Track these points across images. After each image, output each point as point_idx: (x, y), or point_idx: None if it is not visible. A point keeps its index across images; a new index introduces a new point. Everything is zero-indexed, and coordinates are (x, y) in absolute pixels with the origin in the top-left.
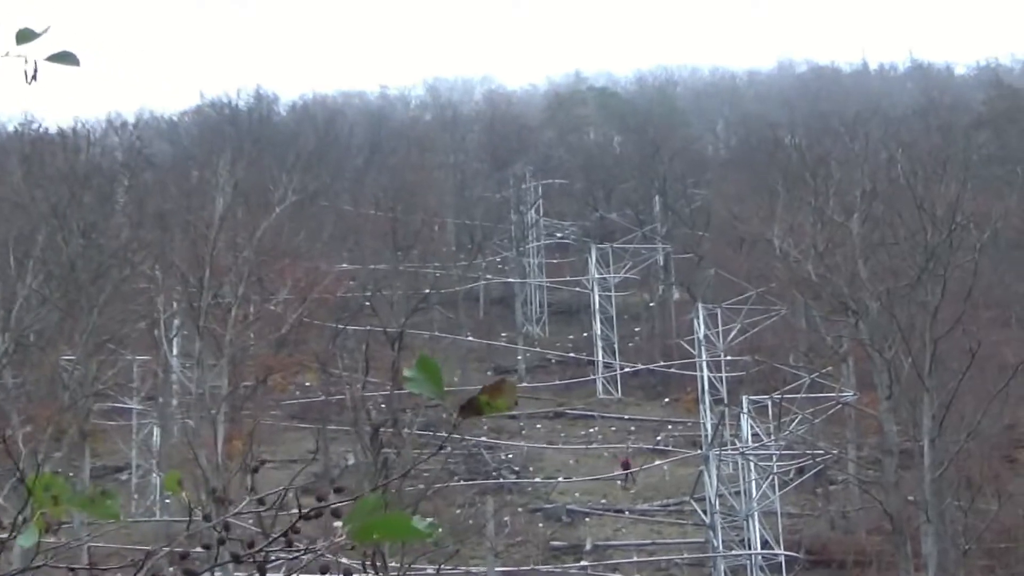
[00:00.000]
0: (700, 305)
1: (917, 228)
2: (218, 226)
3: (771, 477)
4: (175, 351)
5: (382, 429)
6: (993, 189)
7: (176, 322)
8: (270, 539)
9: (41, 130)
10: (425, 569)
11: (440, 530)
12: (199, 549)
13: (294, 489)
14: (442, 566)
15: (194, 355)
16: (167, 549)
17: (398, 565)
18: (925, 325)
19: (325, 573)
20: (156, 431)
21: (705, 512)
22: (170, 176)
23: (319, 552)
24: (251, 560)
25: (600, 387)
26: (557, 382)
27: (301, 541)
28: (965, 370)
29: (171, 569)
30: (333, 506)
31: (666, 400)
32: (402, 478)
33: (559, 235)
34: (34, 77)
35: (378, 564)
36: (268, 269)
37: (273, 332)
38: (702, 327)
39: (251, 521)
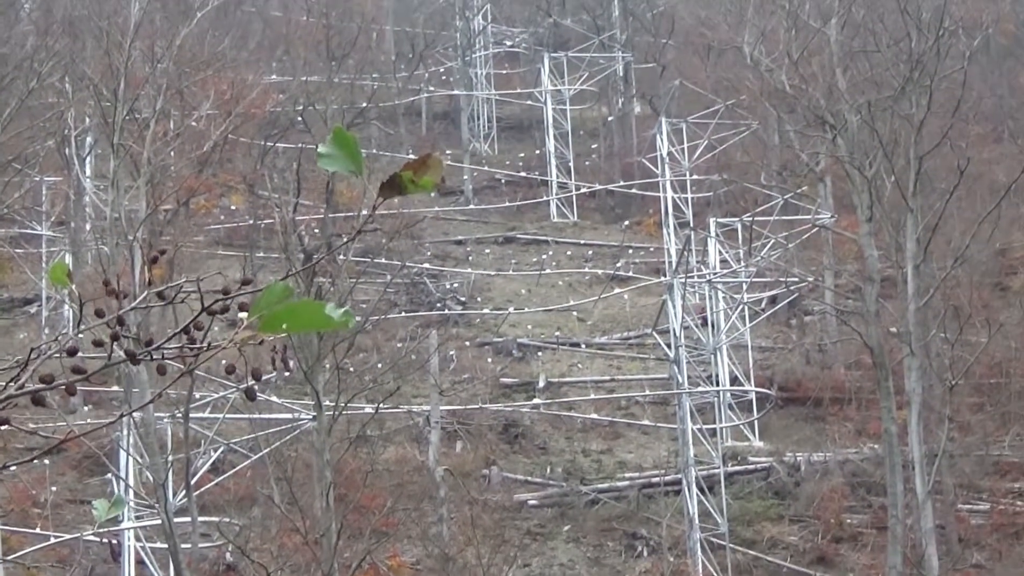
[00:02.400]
0: (663, 119)
1: (901, 34)
2: (133, 33)
3: (741, 307)
4: (88, 172)
5: (315, 256)
6: None
7: (88, 140)
8: (170, 335)
9: None
10: (363, 408)
11: (354, 321)
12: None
13: (207, 292)
14: (381, 405)
15: (108, 175)
16: (54, 346)
17: (333, 404)
18: (909, 140)
19: (231, 372)
20: (68, 258)
21: (669, 346)
22: None
23: (223, 347)
24: (148, 358)
25: (554, 209)
26: (507, 204)
27: (204, 339)
28: (952, 189)
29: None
30: (240, 297)
31: (626, 223)
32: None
33: (509, 43)
34: None
35: (286, 363)
36: (189, 81)
37: (195, 150)
38: (666, 144)
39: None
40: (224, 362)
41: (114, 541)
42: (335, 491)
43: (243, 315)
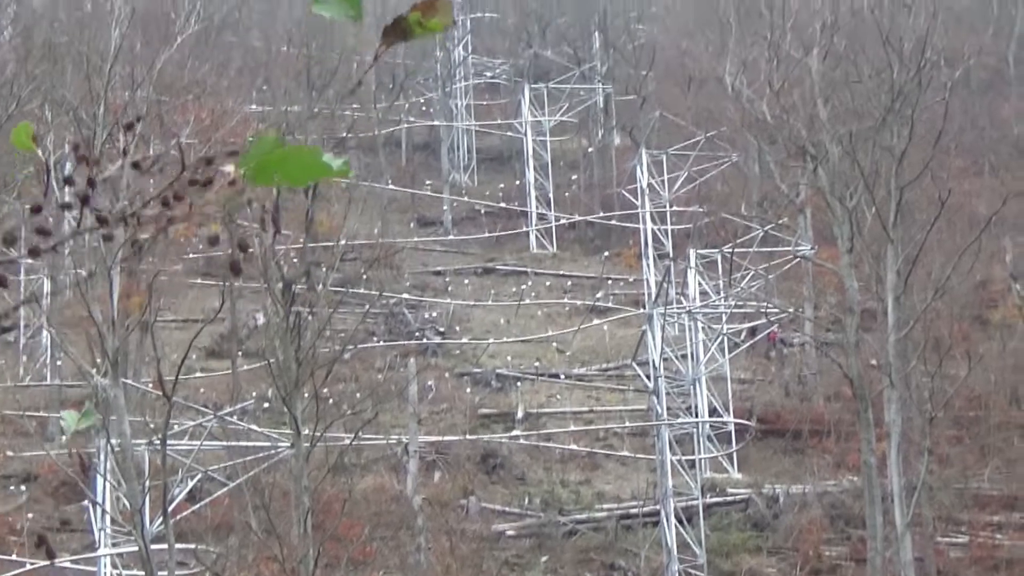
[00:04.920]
0: (643, 151)
1: (882, 65)
2: (113, 57)
3: (720, 338)
4: (67, 198)
5: (294, 285)
6: (966, 23)
7: (68, 167)
8: (146, 200)
9: None
10: (341, 437)
11: (353, 173)
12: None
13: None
14: (359, 433)
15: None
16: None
17: (310, 432)
18: (890, 171)
19: (214, 243)
20: (46, 284)
21: (648, 377)
22: (61, 2)
23: (206, 206)
24: (123, 224)
25: (533, 241)
26: (486, 235)
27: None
28: (934, 220)
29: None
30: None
31: (606, 254)
32: (316, 338)
33: (489, 74)
34: None
35: (277, 223)
36: (169, 106)
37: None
38: (646, 175)
39: None
40: (203, 229)
41: (83, 452)
42: (313, 519)
43: (229, 169)
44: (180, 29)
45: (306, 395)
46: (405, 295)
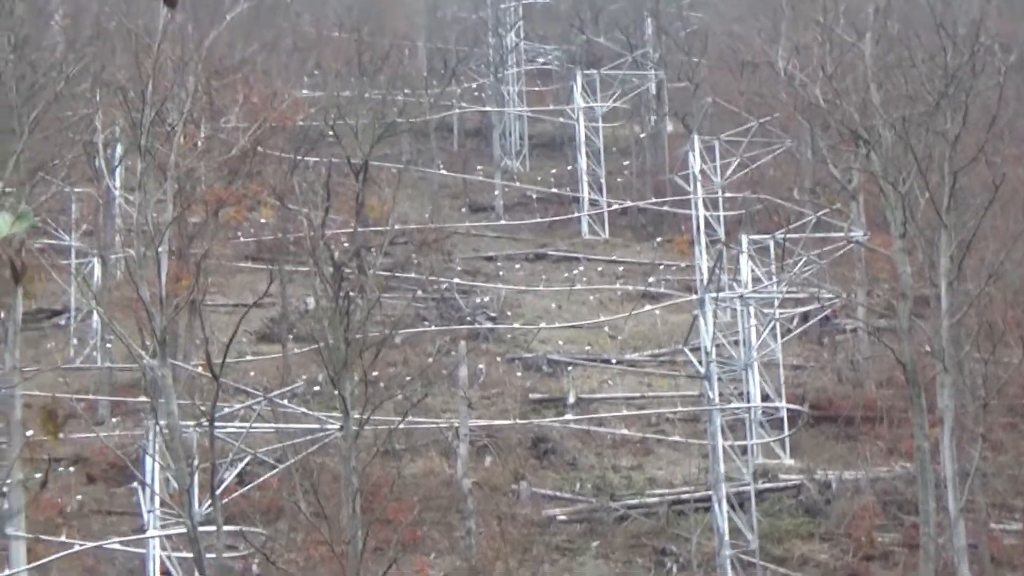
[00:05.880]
0: (696, 137)
1: (936, 49)
2: (161, 34)
3: (773, 324)
4: (117, 183)
5: (344, 268)
6: (1020, 6)
7: (118, 150)
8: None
9: None
10: (391, 420)
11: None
12: None
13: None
14: (408, 413)
15: (137, 183)
16: None
17: (359, 416)
18: (944, 156)
19: None
20: (96, 268)
21: (700, 362)
22: None
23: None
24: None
25: (585, 227)
26: (538, 220)
27: None
28: (987, 205)
29: None
30: None
31: (657, 241)
32: (364, 321)
33: (541, 60)
34: None
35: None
36: (218, 84)
37: (224, 156)
38: (698, 161)
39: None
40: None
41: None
42: (362, 502)
43: None
44: (228, 8)
45: (356, 378)
46: (456, 280)
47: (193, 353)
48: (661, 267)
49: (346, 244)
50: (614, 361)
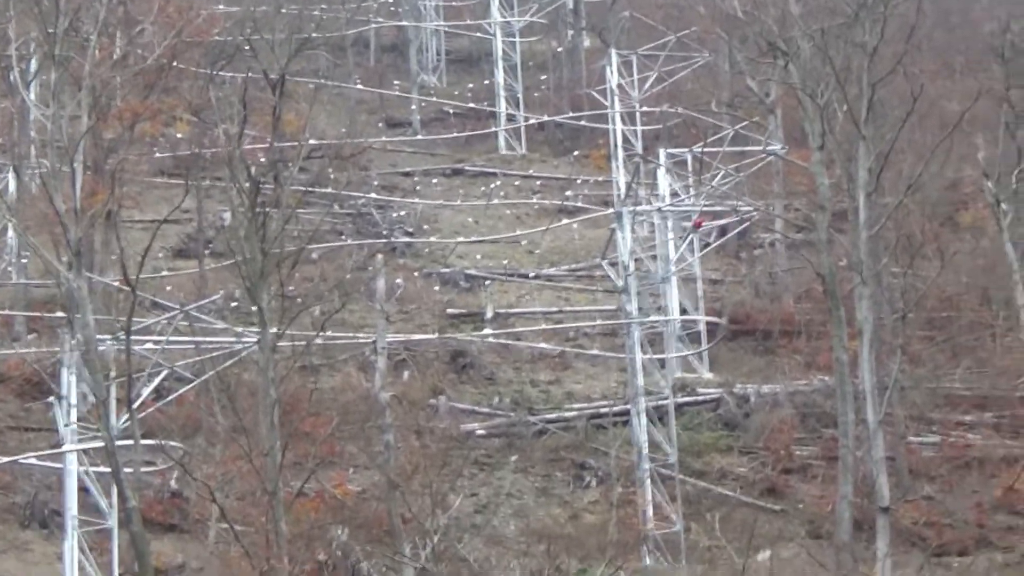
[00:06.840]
0: (613, 51)
1: None
2: None
3: (690, 238)
4: (32, 96)
5: (262, 184)
6: None
7: (33, 64)
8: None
9: None
10: (308, 334)
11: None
12: None
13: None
14: (324, 327)
15: (51, 96)
16: None
17: (276, 330)
18: (862, 68)
19: None
20: (11, 181)
21: (618, 277)
22: None
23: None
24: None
25: (502, 141)
26: (455, 135)
27: None
28: (906, 117)
29: None
30: None
31: (575, 155)
32: (281, 235)
33: None
34: None
35: None
36: None
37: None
38: (615, 75)
39: None
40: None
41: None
42: (279, 415)
43: None
44: None
45: (272, 291)
46: (373, 195)
47: (110, 268)
48: (578, 181)
49: (263, 159)
50: (532, 276)
